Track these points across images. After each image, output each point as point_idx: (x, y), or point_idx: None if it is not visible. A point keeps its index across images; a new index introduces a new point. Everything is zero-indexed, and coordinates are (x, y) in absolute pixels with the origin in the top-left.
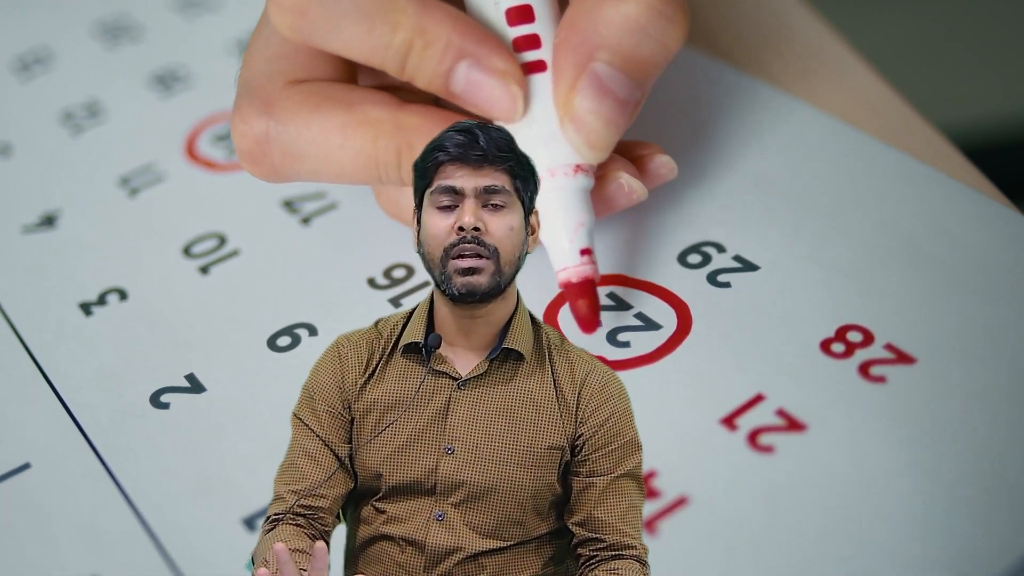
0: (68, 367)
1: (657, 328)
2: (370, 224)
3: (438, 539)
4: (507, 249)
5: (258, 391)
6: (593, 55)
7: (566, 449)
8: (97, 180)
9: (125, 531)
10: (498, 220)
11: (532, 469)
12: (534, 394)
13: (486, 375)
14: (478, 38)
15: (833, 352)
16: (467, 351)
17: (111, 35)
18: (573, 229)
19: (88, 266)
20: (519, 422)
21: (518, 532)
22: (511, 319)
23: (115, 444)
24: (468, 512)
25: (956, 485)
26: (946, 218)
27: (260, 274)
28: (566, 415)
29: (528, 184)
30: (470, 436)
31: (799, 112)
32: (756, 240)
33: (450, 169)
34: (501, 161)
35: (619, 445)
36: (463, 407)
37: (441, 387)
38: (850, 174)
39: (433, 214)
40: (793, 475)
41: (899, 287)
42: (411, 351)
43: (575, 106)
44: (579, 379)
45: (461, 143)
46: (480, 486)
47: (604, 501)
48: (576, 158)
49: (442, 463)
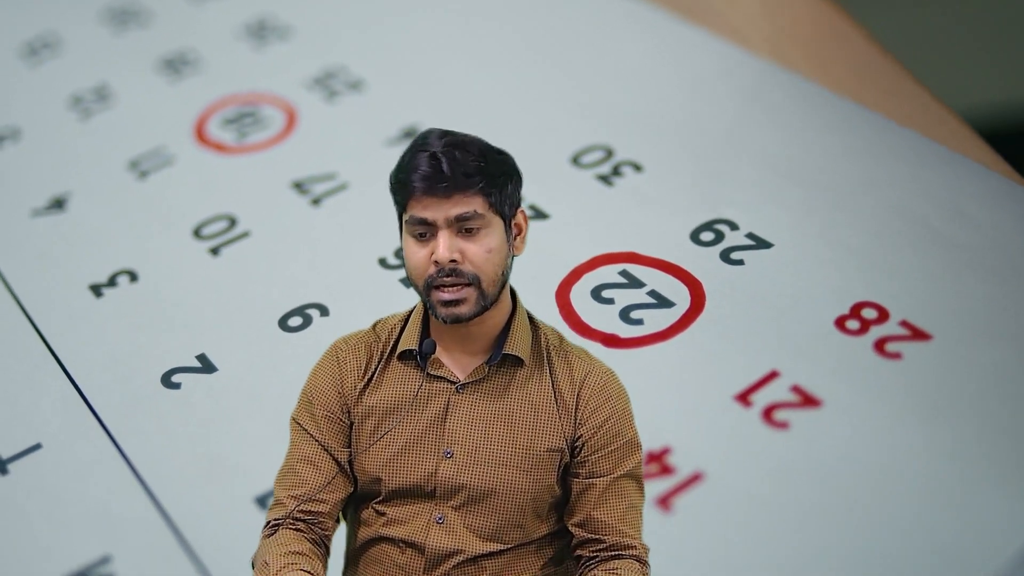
0: (79, 348)
1: (670, 305)
2: (380, 205)
3: (438, 541)
4: (488, 272)
5: (269, 371)
6: None
7: (565, 451)
8: (106, 163)
9: (137, 511)
10: (475, 246)
11: (531, 471)
12: (532, 397)
13: (485, 379)
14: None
15: (848, 329)
16: (464, 356)
17: (119, 20)
18: None
19: (98, 248)
20: (518, 425)
21: (518, 535)
22: (509, 322)
23: (127, 424)
24: (468, 515)
25: (972, 460)
26: (960, 197)
27: (270, 255)
28: (565, 417)
29: (505, 190)
30: (469, 439)
31: (812, 93)
32: (769, 218)
33: (422, 200)
34: (470, 186)
35: (619, 446)
36: (462, 411)
37: (440, 391)
38: (862, 154)
39: (411, 243)
40: (808, 451)
41: (913, 265)
42: (408, 356)
43: None
44: (578, 380)
45: (427, 174)
46: (479, 489)
47: (604, 502)
48: None
49: (441, 467)
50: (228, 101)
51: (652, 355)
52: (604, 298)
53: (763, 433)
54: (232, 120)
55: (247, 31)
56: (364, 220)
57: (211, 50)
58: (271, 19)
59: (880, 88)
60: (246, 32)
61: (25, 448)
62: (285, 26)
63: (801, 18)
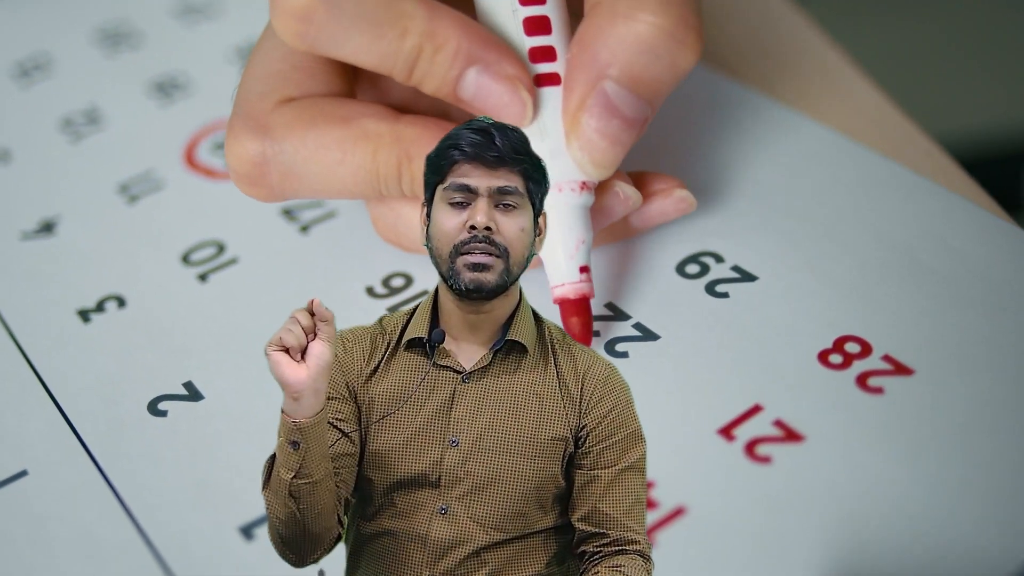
0: (66, 374)
1: (656, 339)
2: (369, 233)
3: (441, 533)
4: (517, 249)
5: (256, 399)
6: (603, 73)
7: (569, 440)
8: (96, 187)
9: (122, 539)
10: (510, 221)
11: (535, 460)
12: (537, 386)
13: (490, 367)
14: (487, 44)
15: (831, 363)
16: (471, 345)
17: (111, 42)
18: (574, 246)
19: (87, 273)
20: (522, 413)
21: (520, 524)
22: (514, 314)
23: (113, 452)
24: (472, 504)
25: (954, 496)
26: (944, 231)
27: (259, 282)
28: (569, 406)
29: (540, 186)
30: (474, 428)
31: (798, 124)
32: (754, 251)
33: (465, 167)
34: (516, 163)
35: (623, 436)
36: (467, 400)
37: (445, 381)
38: (848, 186)
39: (445, 210)
40: (791, 486)
41: (897, 299)
42: (415, 346)
43: (582, 124)
44: (582, 371)
45: (477, 143)
46: (483, 477)
47: (608, 495)
48: (582, 175)
49: (447, 455)
50: (218, 126)
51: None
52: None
53: (746, 467)
54: (222, 145)
55: (238, 54)
56: (353, 248)
57: (202, 73)
58: None
59: (866, 119)
60: (237, 55)
61: (11, 475)
62: None
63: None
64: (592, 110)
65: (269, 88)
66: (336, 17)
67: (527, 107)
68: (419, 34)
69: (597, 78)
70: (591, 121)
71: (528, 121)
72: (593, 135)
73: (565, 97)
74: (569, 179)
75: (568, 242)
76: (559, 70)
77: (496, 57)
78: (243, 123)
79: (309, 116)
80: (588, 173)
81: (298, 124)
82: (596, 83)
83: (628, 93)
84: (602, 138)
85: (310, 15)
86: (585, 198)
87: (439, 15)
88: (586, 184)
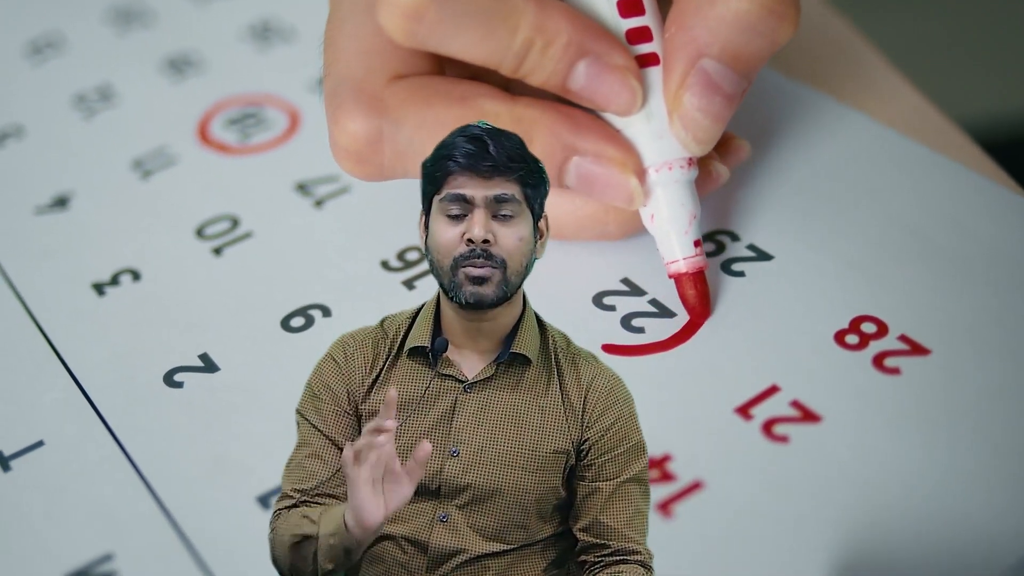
0: (82, 347)
1: (672, 316)
2: (383, 207)
3: (441, 540)
4: (515, 260)
5: (272, 371)
6: (702, 51)
7: (571, 453)
8: (110, 163)
9: (139, 510)
10: (507, 231)
11: (536, 473)
12: (540, 398)
13: (492, 378)
14: (597, 35)
15: (847, 343)
16: (473, 354)
17: (123, 20)
18: (687, 221)
19: (101, 247)
20: (524, 426)
21: (521, 535)
22: (518, 322)
23: (129, 423)
24: (472, 514)
25: (970, 477)
26: (960, 210)
27: (273, 256)
28: (572, 419)
29: (538, 191)
30: (475, 439)
31: (813, 102)
32: (770, 229)
33: (460, 178)
34: (512, 171)
35: (625, 449)
36: (469, 410)
37: (447, 390)
38: (864, 164)
39: (442, 222)
40: (807, 465)
41: (913, 279)
42: (417, 353)
43: (684, 103)
44: (585, 383)
45: (471, 152)
46: (484, 489)
47: (610, 506)
48: (687, 152)
49: (447, 465)
50: (231, 102)
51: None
52: (606, 304)
53: (763, 446)
54: (235, 121)
55: (251, 32)
56: (367, 222)
57: (214, 51)
58: (275, 21)
59: (881, 96)
60: (250, 33)
61: (27, 445)
62: (289, 28)
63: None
64: (693, 88)
65: (377, 64)
66: (447, 15)
67: (637, 95)
68: (529, 28)
69: (697, 56)
70: (692, 100)
71: (637, 109)
72: (696, 113)
73: (666, 77)
74: (677, 156)
75: (680, 218)
76: (656, 49)
77: (606, 48)
78: (355, 99)
79: (424, 95)
80: (691, 150)
81: (414, 102)
82: (696, 61)
83: (727, 69)
84: (705, 116)
85: (422, 13)
86: (692, 173)
87: (547, 9)
88: (692, 160)
